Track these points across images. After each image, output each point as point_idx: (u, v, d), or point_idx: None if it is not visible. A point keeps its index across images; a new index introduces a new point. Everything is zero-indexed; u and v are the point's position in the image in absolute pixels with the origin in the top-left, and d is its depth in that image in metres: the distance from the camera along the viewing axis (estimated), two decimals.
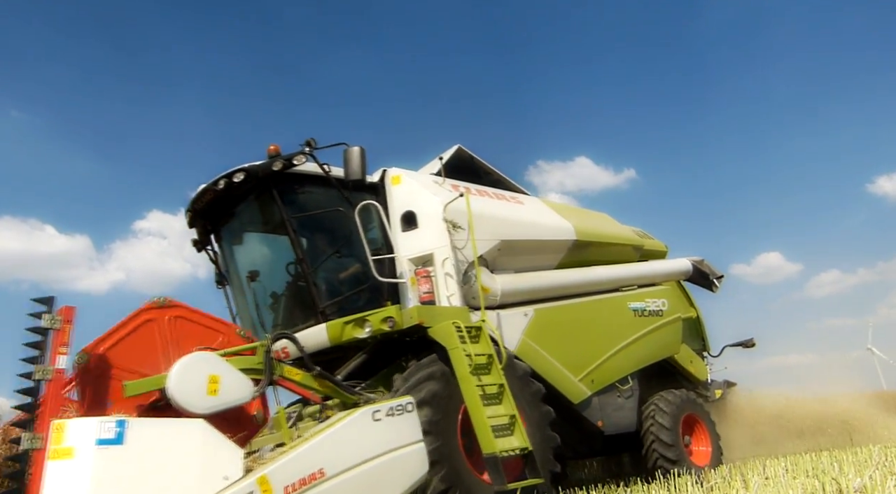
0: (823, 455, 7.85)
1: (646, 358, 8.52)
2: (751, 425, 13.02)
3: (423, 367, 5.73)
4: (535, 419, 6.16)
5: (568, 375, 7.30)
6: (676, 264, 9.91)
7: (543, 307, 7.35)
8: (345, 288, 6.40)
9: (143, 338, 3.99)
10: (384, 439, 4.05)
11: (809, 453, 8.83)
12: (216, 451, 3.41)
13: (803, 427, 14.50)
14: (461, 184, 7.65)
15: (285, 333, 4.64)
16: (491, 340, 5.95)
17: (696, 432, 8.56)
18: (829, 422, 13.19)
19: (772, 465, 6.92)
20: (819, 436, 12.08)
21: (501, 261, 7.39)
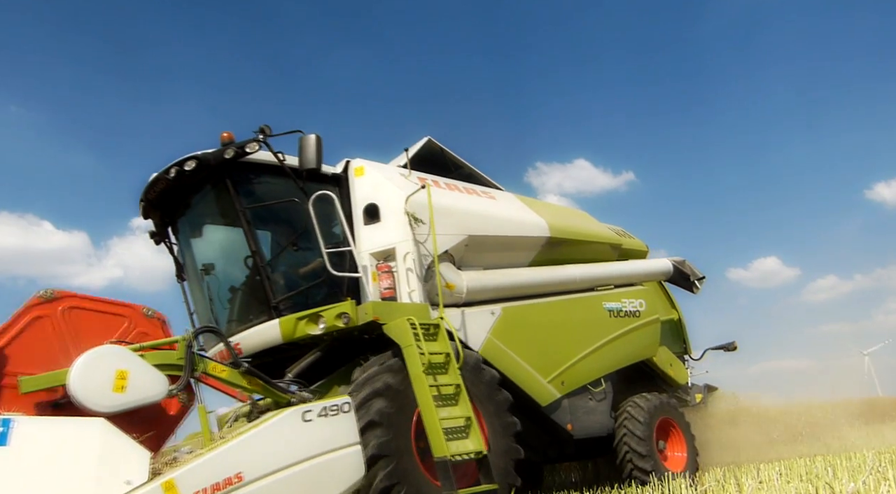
0: (817, 459, 7.73)
1: (621, 360, 8.26)
2: (729, 430, 12.80)
3: (381, 360, 5.50)
4: (498, 428, 5.91)
5: (536, 376, 7.03)
6: (656, 264, 9.65)
7: (512, 305, 7.08)
8: (300, 283, 6.12)
9: (36, 336, 3.68)
10: (315, 441, 3.79)
11: (803, 458, 8.74)
12: (119, 453, 3.14)
13: (779, 434, 14.27)
14: (429, 177, 7.38)
15: (210, 326, 4.38)
16: (450, 339, 5.67)
17: (672, 437, 8.30)
18: (798, 430, 12.94)
19: (766, 469, 6.80)
20: (794, 444, 11.82)
21: (469, 258, 7.13)
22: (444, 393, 5.37)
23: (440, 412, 5.23)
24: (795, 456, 9.80)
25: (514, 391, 6.81)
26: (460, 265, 7.08)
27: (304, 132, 5.87)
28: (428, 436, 5.09)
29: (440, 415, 5.20)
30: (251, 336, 6.01)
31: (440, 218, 6.73)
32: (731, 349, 10.63)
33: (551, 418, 7.15)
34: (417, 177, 7.22)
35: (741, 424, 11.75)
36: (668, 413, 8.23)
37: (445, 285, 6.62)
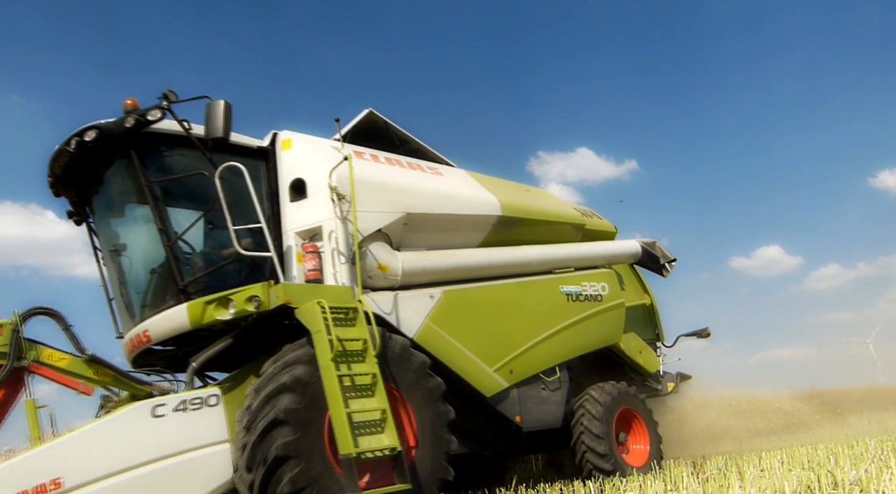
0: (819, 447, 7.57)
1: (579, 346, 7.75)
2: (701, 421, 12.36)
3: (294, 349, 5.01)
4: (427, 418, 5.43)
5: (480, 365, 6.54)
6: (622, 246, 9.12)
7: (454, 288, 6.58)
8: (211, 264, 5.62)
9: None
10: (170, 439, 3.31)
11: (805, 446, 8.63)
12: None
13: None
14: (366, 150, 6.86)
15: (45, 308, 3.86)
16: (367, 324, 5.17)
17: (634, 428, 7.82)
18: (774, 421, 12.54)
19: (767, 457, 6.70)
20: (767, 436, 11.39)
21: (409, 238, 6.62)
22: (360, 383, 4.88)
23: (353, 404, 4.74)
24: (797, 445, 9.49)
25: (456, 381, 6.35)
26: (399, 245, 6.58)
27: (211, 97, 5.34)
28: (334, 431, 4.59)
29: (353, 408, 4.71)
30: (159, 322, 5.52)
31: (373, 193, 6.24)
32: (704, 335, 10.12)
33: (497, 409, 6.67)
34: (354, 151, 6.70)
35: (713, 415, 11.32)
36: (629, 403, 7.75)
37: (378, 266, 6.13)
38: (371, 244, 6.12)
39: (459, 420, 6.61)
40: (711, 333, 10.08)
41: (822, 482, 4.36)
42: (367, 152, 6.83)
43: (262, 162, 6.28)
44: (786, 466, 5.84)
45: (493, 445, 7.12)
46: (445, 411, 5.59)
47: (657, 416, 8.27)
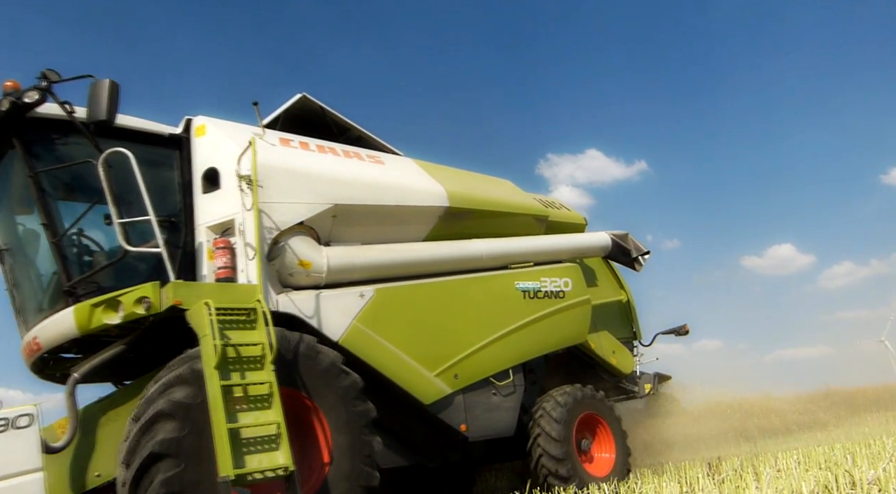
0: (836, 447, 7.44)
1: (538, 347, 7.15)
2: (679, 424, 11.82)
3: (177, 365, 4.42)
4: (343, 421, 4.86)
5: (418, 369, 5.96)
6: (589, 238, 8.50)
7: (388, 286, 6.01)
8: (102, 262, 5.07)
9: None
10: None
11: (822, 445, 8.46)
12: None
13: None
14: (296, 138, 6.31)
15: None
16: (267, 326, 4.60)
17: (599, 435, 7.22)
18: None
19: (784, 458, 6.58)
20: None
21: (341, 232, 6.06)
22: (254, 393, 4.31)
23: (244, 418, 4.18)
24: (814, 444, 9.26)
25: (389, 387, 5.78)
26: (330, 240, 6.02)
27: (95, 77, 4.80)
28: (215, 449, 4.03)
29: (244, 422, 4.15)
30: (47, 328, 5.00)
31: (295, 183, 5.71)
32: (682, 333, 9.51)
33: (438, 417, 6.08)
34: (280, 138, 6.15)
35: (693, 418, 10.71)
36: (592, 407, 7.15)
37: (298, 263, 5.57)
38: (291, 238, 5.56)
39: (400, 430, 6.10)
40: (690, 330, 9.47)
41: (839, 482, 4.26)
42: (295, 139, 6.28)
43: (176, 150, 5.75)
44: (802, 466, 5.69)
45: (440, 456, 6.54)
46: (364, 410, 5.01)
47: (664, 416, 7.71)
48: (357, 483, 4.78)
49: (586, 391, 7.18)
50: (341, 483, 4.70)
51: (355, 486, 4.76)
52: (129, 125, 5.47)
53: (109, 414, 5.02)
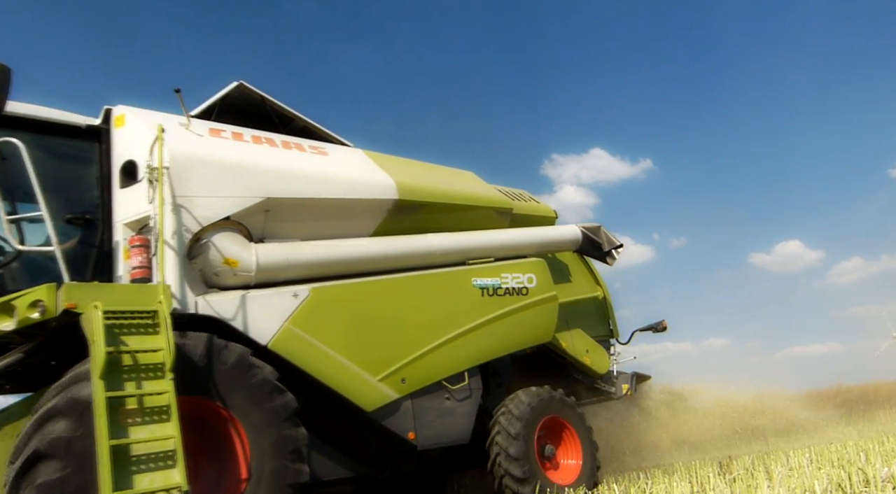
0: (849, 444, 7.37)
1: (497, 348, 6.74)
2: (688, 423, 11.50)
3: (50, 396, 3.93)
4: (267, 444, 4.49)
5: (359, 374, 5.56)
6: (556, 232, 8.06)
7: (326, 285, 5.60)
8: None
9: None
10: None
11: (834, 443, 8.38)
12: None
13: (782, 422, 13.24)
14: (229, 128, 5.92)
15: None
16: None
17: (565, 440, 6.80)
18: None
19: (795, 455, 6.52)
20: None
21: (277, 227, 5.67)
22: (151, 405, 3.92)
23: (137, 432, 3.79)
24: (826, 442, 9.16)
25: (326, 394, 5.39)
26: (264, 236, 5.62)
27: None
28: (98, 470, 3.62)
29: (136, 437, 3.76)
30: None
31: (220, 175, 5.32)
32: (660, 329, 9.07)
33: (383, 425, 5.67)
34: (210, 129, 5.76)
35: (673, 420, 10.32)
36: (557, 411, 6.73)
37: (223, 261, 5.17)
38: (215, 235, 5.17)
39: (342, 439, 5.70)
40: (668, 326, 9.02)
41: (853, 480, 4.23)
42: (228, 130, 5.89)
43: (95, 143, 5.37)
44: (815, 464, 5.65)
45: (390, 466, 6.13)
46: (294, 435, 4.62)
47: None
48: (284, 482, 4.42)
49: (555, 394, 6.77)
50: (265, 490, 4.33)
51: (282, 486, 4.39)
52: (40, 116, 5.09)
53: (6, 429, 4.64)
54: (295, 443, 4.60)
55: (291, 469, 4.53)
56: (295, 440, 4.61)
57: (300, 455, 4.62)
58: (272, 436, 4.51)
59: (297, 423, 4.68)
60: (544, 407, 6.59)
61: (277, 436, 4.53)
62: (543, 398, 6.60)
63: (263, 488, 4.37)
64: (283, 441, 4.55)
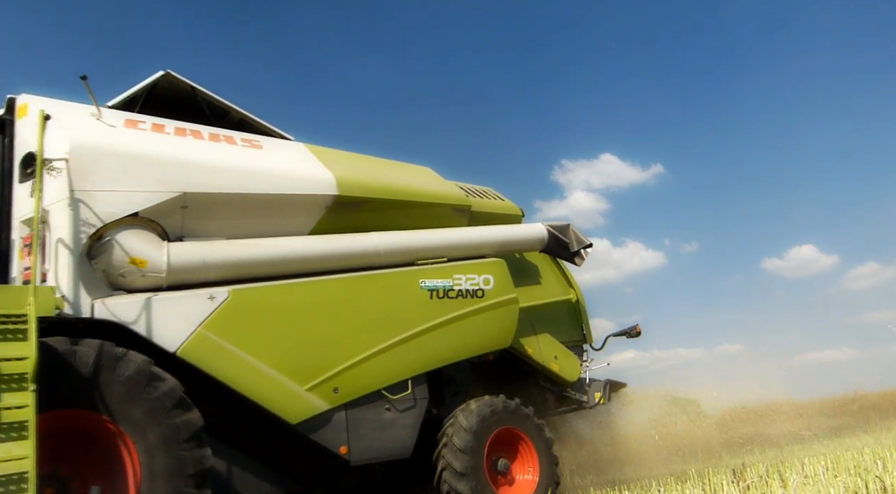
0: (866, 452, 7.27)
1: (448, 354, 6.28)
2: (701, 429, 11.17)
3: None
4: (161, 466, 4.06)
5: (283, 383, 5.12)
6: (518, 230, 7.58)
7: (247, 287, 5.18)
8: None
9: None
10: None
11: (850, 451, 8.27)
12: None
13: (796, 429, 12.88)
14: (149, 119, 5.52)
15: None
16: None
17: (521, 454, 6.32)
18: None
19: (811, 463, 6.47)
20: None
21: (196, 225, 5.26)
22: (9, 420, 3.49)
23: None
24: (842, 450, 8.91)
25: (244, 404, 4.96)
26: (183, 234, 5.21)
27: None
28: None
29: None
30: None
31: (128, 168, 4.91)
32: (633, 334, 8.57)
33: (311, 438, 5.23)
34: (127, 120, 5.36)
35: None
36: (511, 422, 6.25)
37: (130, 260, 4.76)
38: (120, 232, 4.75)
39: (268, 453, 5.27)
40: (642, 331, 8.53)
41: (869, 488, 4.22)
42: (148, 121, 5.48)
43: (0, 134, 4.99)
44: (830, 472, 5.61)
45: (326, 482, 5.68)
46: (187, 421, 4.20)
47: None
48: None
49: (510, 403, 6.29)
50: None
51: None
52: None
53: None
54: (197, 466, 4.17)
55: (181, 456, 4.10)
56: (197, 462, 4.18)
57: (202, 479, 4.18)
58: (169, 457, 4.09)
59: (201, 443, 4.25)
60: (497, 418, 6.12)
61: (175, 457, 4.10)
62: (496, 408, 6.14)
63: (166, 478, 3.95)
64: (182, 463, 4.12)
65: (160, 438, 4.09)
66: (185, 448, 4.16)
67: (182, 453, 4.14)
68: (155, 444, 4.06)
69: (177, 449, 4.12)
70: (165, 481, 4.04)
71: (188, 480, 4.11)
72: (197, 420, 4.26)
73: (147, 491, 3.97)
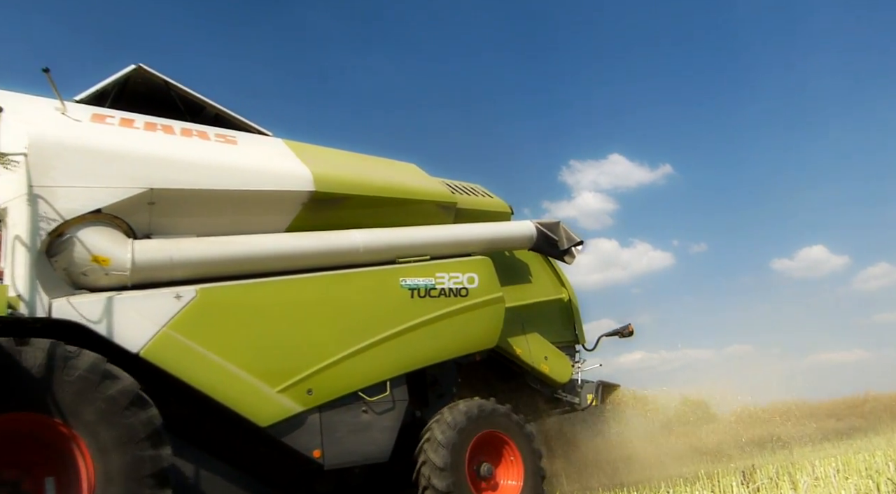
0: (877, 454, 7.17)
1: (429, 354, 6.09)
2: (711, 431, 11.01)
3: None
4: (116, 467, 3.90)
5: (253, 384, 4.96)
6: (505, 228, 7.38)
7: (216, 286, 5.02)
8: None
9: None
10: None
11: (861, 452, 8.17)
12: None
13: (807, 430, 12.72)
14: (118, 114, 5.38)
15: None
16: None
17: (505, 458, 6.12)
18: None
19: (821, 465, 6.40)
20: None
21: (165, 222, 5.12)
22: None
23: None
24: (853, 451, 8.84)
25: (213, 406, 4.80)
26: (151, 232, 5.06)
27: None
28: None
29: None
30: None
31: (91, 164, 4.80)
32: (626, 334, 8.35)
33: (282, 441, 5.06)
34: (94, 114, 5.23)
35: None
36: (494, 425, 6.06)
37: (92, 258, 4.61)
38: (81, 229, 4.62)
39: (242, 456, 5.11)
40: (634, 331, 8.31)
41: (881, 489, 4.22)
42: (117, 115, 5.36)
43: None
44: (842, 474, 5.55)
45: (302, 487, 5.51)
46: (155, 457, 4.02)
47: None
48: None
49: (486, 405, 6.09)
50: None
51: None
52: None
53: None
54: (155, 466, 4.01)
55: (139, 458, 3.94)
56: (155, 462, 4.02)
57: (161, 480, 4.02)
58: (124, 458, 3.93)
59: (159, 442, 4.08)
60: (479, 421, 5.93)
61: (130, 458, 3.94)
62: (472, 414, 5.92)
63: (121, 480, 3.79)
64: (138, 464, 3.96)
65: (114, 439, 3.92)
66: (142, 447, 3.99)
67: (138, 453, 3.97)
68: (109, 445, 3.90)
69: (133, 449, 3.96)
70: (121, 482, 3.87)
71: (145, 481, 3.94)
72: (154, 419, 4.10)
73: (98, 460, 3.81)
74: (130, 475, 3.92)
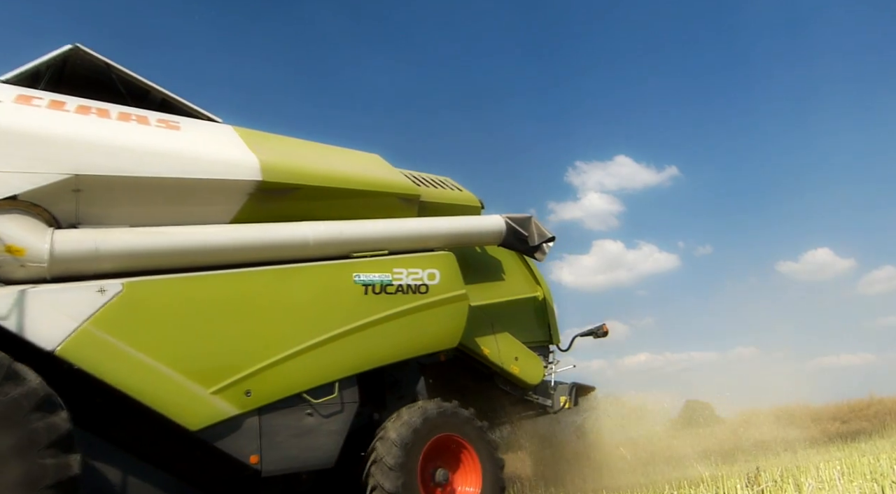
0: (882, 457, 7.05)
1: (384, 354, 5.75)
2: (715, 433, 10.78)
3: None
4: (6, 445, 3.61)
5: (184, 385, 4.63)
6: (470, 222, 7.01)
7: (144, 280, 4.69)
8: None
9: None
10: None
11: (866, 456, 8.00)
12: None
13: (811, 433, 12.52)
14: (48, 96, 5.06)
15: None
16: None
17: (463, 464, 5.78)
18: None
19: (826, 468, 6.33)
20: None
21: (94, 212, 4.81)
22: None
23: None
24: (858, 455, 8.56)
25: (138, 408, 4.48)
26: (78, 221, 4.74)
27: None
28: None
29: None
30: None
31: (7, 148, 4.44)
32: (600, 334, 8.02)
33: (215, 446, 4.73)
34: (17, 95, 4.91)
35: None
36: (454, 429, 5.72)
37: (6, 248, 4.29)
38: None
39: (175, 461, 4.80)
40: (609, 331, 7.98)
41: (886, 493, 4.21)
42: (46, 97, 5.04)
43: None
44: (846, 477, 5.50)
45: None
46: (61, 464, 3.70)
47: None
48: None
49: (446, 407, 5.76)
50: None
51: None
52: None
53: None
54: (60, 474, 3.69)
55: (41, 466, 3.62)
56: (61, 470, 3.70)
57: (67, 490, 3.70)
58: (23, 466, 3.60)
59: (67, 449, 3.77)
60: (438, 423, 5.60)
61: (31, 466, 3.62)
62: (439, 411, 5.61)
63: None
64: (41, 472, 3.64)
65: (14, 446, 3.61)
66: (46, 454, 3.68)
67: (42, 461, 3.65)
68: (8, 452, 3.58)
69: (35, 457, 3.64)
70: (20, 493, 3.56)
71: (48, 491, 3.63)
72: (62, 424, 3.79)
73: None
74: (31, 484, 3.60)
